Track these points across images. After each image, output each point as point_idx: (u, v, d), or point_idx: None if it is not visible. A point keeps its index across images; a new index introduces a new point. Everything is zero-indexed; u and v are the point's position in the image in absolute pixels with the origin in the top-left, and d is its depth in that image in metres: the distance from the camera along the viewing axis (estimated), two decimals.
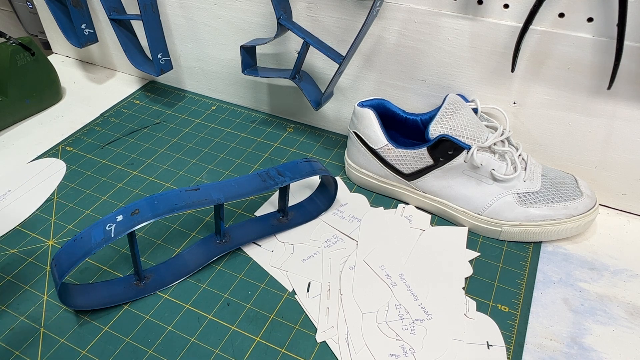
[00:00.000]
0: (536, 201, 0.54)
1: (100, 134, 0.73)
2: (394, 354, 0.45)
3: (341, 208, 0.60)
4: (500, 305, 0.50)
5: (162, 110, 0.78)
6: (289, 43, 0.68)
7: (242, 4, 0.67)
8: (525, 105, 0.58)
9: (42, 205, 0.61)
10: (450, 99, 0.55)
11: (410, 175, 0.58)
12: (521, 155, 0.56)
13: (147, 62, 0.76)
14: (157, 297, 0.50)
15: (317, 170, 0.55)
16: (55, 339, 0.47)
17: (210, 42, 0.74)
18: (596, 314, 0.49)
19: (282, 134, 0.73)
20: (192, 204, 0.48)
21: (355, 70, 0.66)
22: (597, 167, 0.59)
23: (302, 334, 0.47)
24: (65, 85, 0.83)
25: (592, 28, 0.50)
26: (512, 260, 0.54)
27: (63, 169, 0.66)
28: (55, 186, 0.63)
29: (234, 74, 0.76)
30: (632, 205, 0.60)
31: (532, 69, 0.55)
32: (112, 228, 0.44)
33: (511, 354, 0.45)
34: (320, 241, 0.56)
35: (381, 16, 0.59)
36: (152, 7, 0.68)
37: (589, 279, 0.53)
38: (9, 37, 0.71)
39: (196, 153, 0.69)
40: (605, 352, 0.46)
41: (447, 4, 0.55)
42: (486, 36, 0.55)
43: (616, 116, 0.54)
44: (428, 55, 0.60)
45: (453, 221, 0.58)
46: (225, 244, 0.55)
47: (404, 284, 0.51)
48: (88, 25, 0.75)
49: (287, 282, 0.52)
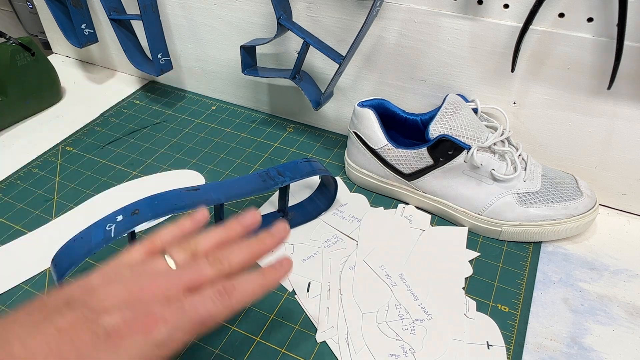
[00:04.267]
0: (536, 201, 0.54)
1: (100, 134, 0.73)
2: (394, 354, 0.45)
3: (341, 208, 0.60)
4: (500, 305, 0.50)
5: (162, 110, 0.78)
6: (289, 43, 0.68)
7: (242, 4, 0.67)
8: (525, 105, 0.58)
9: (42, 205, 0.61)
10: (450, 99, 0.55)
11: (410, 175, 0.58)
12: (521, 155, 0.56)
13: (147, 62, 0.76)
14: None
15: (317, 170, 0.55)
16: None
17: (210, 42, 0.74)
18: (596, 314, 0.49)
19: (282, 134, 0.73)
20: (192, 204, 0.48)
21: (355, 70, 0.66)
22: (597, 167, 0.59)
23: (302, 334, 0.47)
24: (65, 85, 0.83)
25: (592, 28, 0.50)
26: (512, 260, 0.54)
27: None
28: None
29: (234, 74, 0.76)
30: (632, 205, 0.60)
31: (532, 69, 0.55)
32: (112, 228, 0.44)
33: (511, 354, 0.45)
34: (320, 241, 0.56)
35: (381, 16, 0.59)
36: (152, 7, 0.68)
37: (589, 279, 0.53)
38: (9, 37, 0.71)
39: (196, 153, 0.69)
40: (605, 352, 0.46)
41: (447, 4, 0.55)
42: (486, 36, 0.55)
43: (616, 116, 0.54)
44: (428, 55, 0.60)
45: (453, 221, 0.58)
46: None
47: (404, 284, 0.51)
48: (88, 25, 0.75)
49: (287, 282, 0.52)
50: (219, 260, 0.34)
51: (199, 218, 0.39)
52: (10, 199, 0.62)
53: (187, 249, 0.35)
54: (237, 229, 0.38)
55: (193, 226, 0.38)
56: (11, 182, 0.64)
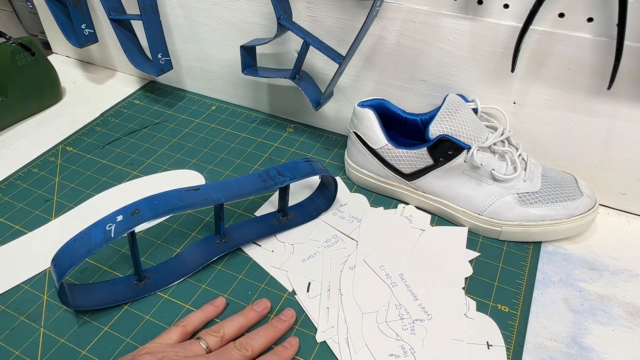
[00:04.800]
0: (536, 201, 0.54)
1: (100, 134, 0.73)
2: (394, 354, 0.45)
3: (341, 208, 0.60)
4: (500, 305, 0.50)
5: (162, 110, 0.78)
6: (289, 43, 0.68)
7: (242, 4, 0.67)
8: (525, 105, 0.58)
9: (42, 205, 0.61)
10: (450, 99, 0.55)
11: (410, 175, 0.58)
12: (521, 155, 0.56)
13: (147, 62, 0.76)
14: (157, 297, 0.50)
15: (317, 170, 0.55)
16: (55, 339, 0.47)
17: (210, 42, 0.74)
18: (596, 314, 0.49)
19: (282, 134, 0.73)
20: (192, 204, 0.48)
21: (355, 70, 0.66)
22: (597, 167, 0.59)
23: (302, 334, 0.47)
24: (65, 85, 0.83)
25: (592, 28, 0.50)
26: (512, 260, 0.54)
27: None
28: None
29: (234, 74, 0.76)
30: (632, 205, 0.60)
31: (532, 69, 0.55)
32: (112, 228, 0.44)
33: (511, 354, 0.45)
34: (320, 241, 0.56)
35: (381, 16, 0.59)
36: (152, 7, 0.68)
37: (589, 279, 0.53)
38: (9, 37, 0.71)
39: (196, 153, 0.69)
40: (605, 352, 0.46)
41: (447, 4, 0.55)
42: (486, 36, 0.55)
43: (616, 116, 0.54)
44: (428, 55, 0.60)
45: (453, 221, 0.58)
46: (225, 244, 0.55)
47: (404, 284, 0.51)
48: (88, 25, 0.75)
49: (287, 282, 0.52)
50: (244, 347, 0.43)
51: (219, 305, 0.49)
52: (10, 199, 0.62)
53: (217, 335, 0.44)
54: (254, 316, 0.47)
55: (215, 312, 0.48)
56: (11, 182, 0.64)
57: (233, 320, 0.46)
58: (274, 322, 0.47)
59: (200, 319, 0.47)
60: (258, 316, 0.47)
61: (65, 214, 0.59)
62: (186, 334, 0.45)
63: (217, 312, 0.48)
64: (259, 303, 0.48)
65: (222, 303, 0.49)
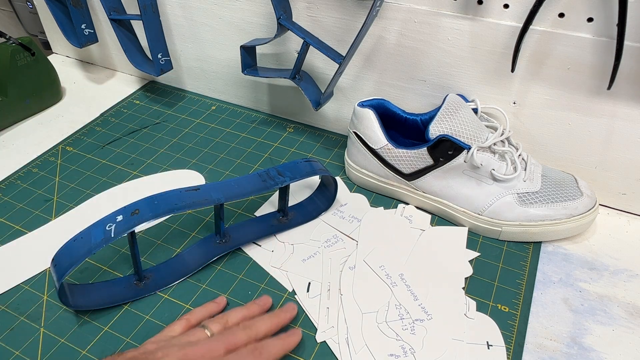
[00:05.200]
0: (536, 201, 0.54)
1: (100, 134, 0.73)
2: (394, 354, 0.45)
3: (341, 208, 0.60)
4: (500, 305, 0.50)
5: (162, 110, 0.78)
6: (289, 43, 0.68)
7: (242, 4, 0.67)
8: (525, 105, 0.58)
9: (42, 205, 0.61)
10: (450, 99, 0.55)
11: (410, 175, 0.58)
12: (521, 155, 0.56)
13: (147, 62, 0.76)
14: (157, 297, 0.50)
15: (317, 170, 0.55)
16: (55, 339, 0.47)
17: (210, 42, 0.74)
18: (596, 314, 0.49)
19: (282, 134, 0.73)
20: (192, 204, 0.48)
21: (355, 70, 0.66)
22: (597, 167, 0.59)
23: (302, 334, 0.47)
24: (65, 85, 0.83)
25: (592, 28, 0.50)
26: (512, 260, 0.54)
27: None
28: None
29: (234, 74, 0.76)
30: (632, 205, 0.60)
31: (532, 69, 0.55)
32: (112, 228, 0.44)
33: (511, 354, 0.45)
34: (320, 241, 0.56)
35: (381, 16, 0.59)
36: (152, 7, 0.68)
37: (589, 279, 0.53)
38: (9, 37, 0.71)
39: (196, 153, 0.69)
40: (605, 352, 0.46)
41: (447, 4, 0.55)
42: (486, 36, 0.55)
43: (616, 116, 0.54)
44: (428, 55, 0.60)
45: (453, 221, 0.58)
46: (225, 244, 0.55)
47: (404, 284, 0.51)
48: (88, 25, 0.75)
49: (287, 282, 0.52)
50: (249, 327, 0.43)
51: (220, 302, 0.49)
52: (10, 199, 0.62)
53: (221, 322, 0.44)
54: (256, 308, 0.47)
55: (217, 308, 0.48)
56: (11, 182, 0.64)
57: (236, 310, 0.46)
58: (277, 311, 0.47)
59: (203, 314, 0.47)
60: (260, 309, 0.48)
61: (65, 214, 0.59)
62: (189, 327, 0.45)
63: (219, 309, 0.48)
64: (261, 298, 0.49)
65: (223, 301, 0.49)
